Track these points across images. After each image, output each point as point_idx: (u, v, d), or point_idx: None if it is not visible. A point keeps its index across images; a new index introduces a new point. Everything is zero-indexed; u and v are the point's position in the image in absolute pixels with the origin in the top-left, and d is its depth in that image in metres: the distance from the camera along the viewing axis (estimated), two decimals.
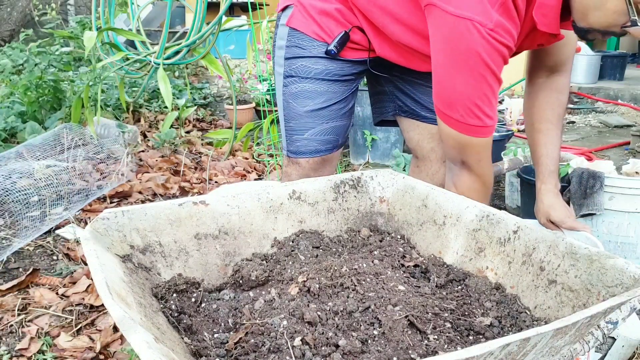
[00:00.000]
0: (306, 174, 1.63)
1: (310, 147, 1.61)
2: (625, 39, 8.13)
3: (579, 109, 5.55)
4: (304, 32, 1.55)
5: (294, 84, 1.58)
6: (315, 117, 1.58)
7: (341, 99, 1.59)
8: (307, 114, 1.58)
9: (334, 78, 1.56)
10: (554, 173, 1.60)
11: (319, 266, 1.03)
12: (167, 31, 3.22)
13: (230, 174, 3.21)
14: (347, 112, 1.63)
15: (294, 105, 1.59)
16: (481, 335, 0.92)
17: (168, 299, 0.95)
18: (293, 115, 1.60)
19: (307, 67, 1.56)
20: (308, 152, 1.61)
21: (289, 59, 1.58)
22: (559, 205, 1.57)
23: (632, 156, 3.70)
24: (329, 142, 1.62)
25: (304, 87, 1.57)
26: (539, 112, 1.58)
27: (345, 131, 1.66)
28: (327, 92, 1.57)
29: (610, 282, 0.88)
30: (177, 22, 7.51)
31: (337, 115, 1.60)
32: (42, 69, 3.68)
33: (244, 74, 4.80)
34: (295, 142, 1.61)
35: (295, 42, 1.56)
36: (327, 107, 1.58)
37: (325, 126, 1.60)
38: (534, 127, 1.60)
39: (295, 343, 0.83)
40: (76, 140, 2.92)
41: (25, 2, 6.63)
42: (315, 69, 1.55)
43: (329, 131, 1.61)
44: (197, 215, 1.10)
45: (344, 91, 1.59)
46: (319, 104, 1.57)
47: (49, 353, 1.61)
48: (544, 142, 1.58)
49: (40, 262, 2.17)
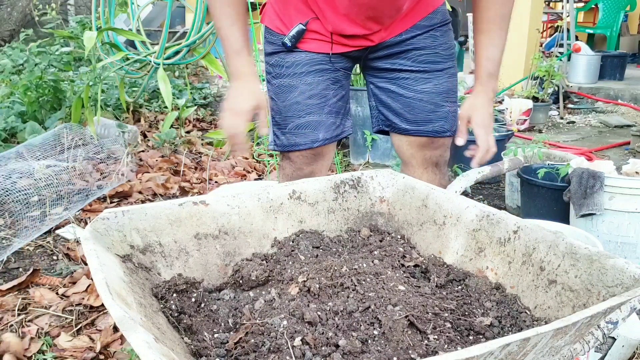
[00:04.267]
0: (299, 167, 1.63)
1: (292, 140, 1.60)
2: (626, 39, 8.14)
3: (579, 109, 5.56)
4: (271, 27, 1.58)
5: (272, 79, 1.60)
6: (292, 111, 1.58)
7: (316, 92, 1.57)
8: (285, 108, 1.59)
9: (305, 70, 1.56)
10: (493, 76, 1.53)
11: (319, 266, 1.03)
12: (167, 31, 3.22)
13: (230, 174, 3.21)
14: (324, 106, 1.59)
15: (275, 100, 1.61)
16: (481, 335, 0.92)
17: (168, 299, 0.95)
18: (277, 111, 1.61)
19: (278, 61, 1.58)
20: (290, 145, 1.61)
21: (266, 55, 1.61)
22: (485, 111, 1.52)
23: (632, 156, 3.70)
24: (307, 136, 1.60)
25: (281, 82, 1.58)
26: (482, 12, 1.51)
27: (327, 127, 1.61)
28: (301, 85, 1.57)
29: (611, 282, 0.88)
30: (177, 22, 7.51)
31: (312, 110, 1.58)
32: (42, 69, 3.67)
33: None
34: (280, 136, 1.62)
35: (268, 38, 1.60)
36: (302, 101, 1.57)
37: (301, 120, 1.59)
38: (477, 27, 1.54)
39: (295, 343, 0.83)
40: (76, 140, 2.92)
41: (25, 2, 6.64)
42: (285, 63, 1.56)
43: (305, 125, 1.59)
44: (197, 215, 1.10)
45: (318, 83, 1.57)
46: (294, 97, 1.58)
47: (49, 353, 1.61)
48: (485, 43, 1.52)
49: (40, 262, 2.17)
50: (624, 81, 6.41)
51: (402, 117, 1.63)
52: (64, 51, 4.69)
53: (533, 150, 2.50)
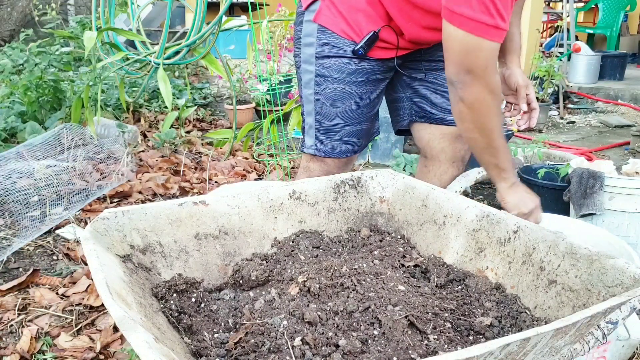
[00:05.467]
0: (330, 171, 1.65)
1: (340, 147, 1.63)
2: (626, 39, 8.13)
3: (579, 109, 5.55)
4: (333, 30, 1.53)
5: (326, 83, 1.57)
6: (346, 119, 1.60)
7: (369, 101, 1.61)
8: (339, 115, 1.59)
9: (364, 79, 1.57)
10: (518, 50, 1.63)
11: (319, 266, 1.03)
12: (167, 31, 3.22)
13: (230, 174, 3.21)
14: (372, 115, 1.65)
15: (326, 105, 1.59)
16: (481, 335, 0.92)
17: (168, 299, 0.95)
18: (325, 116, 1.61)
19: (339, 67, 1.55)
20: (337, 152, 1.64)
21: (320, 57, 1.56)
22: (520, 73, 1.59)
23: (632, 156, 3.70)
24: (355, 144, 1.64)
25: (337, 89, 1.57)
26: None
27: (369, 134, 1.68)
28: (358, 94, 1.58)
29: (611, 282, 0.88)
30: (177, 22, 7.51)
31: (364, 118, 1.62)
32: (42, 69, 3.67)
33: (244, 74, 4.80)
34: (326, 142, 1.63)
35: (326, 39, 1.55)
36: (357, 110, 1.60)
37: (353, 128, 1.61)
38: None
39: (295, 343, 0.83)
40: (76, 140, 2.92)
41: (25, 2, 6.63)
42: (348, 69, 1.55)
43: (356, 133, 1.63)
44: (197, 215, 1.10)
45: (372, 92, 1.60)
46: (350, 105, 1.58)
47: (49, 353, 1.61)
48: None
49: (40, 262, 2.17)
50: (624, 81, 6.40)
51: (440, 107, 1.66)
52: (64, 51, 4.69)
53: (533, 150, 2.50)
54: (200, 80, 5.60)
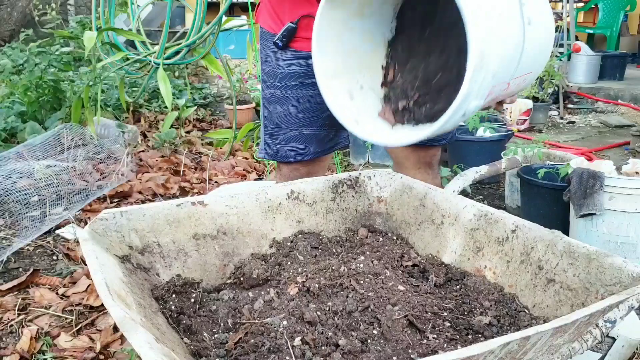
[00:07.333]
0: (287, 175, 1.61)
1: (282, 152, 1.58)
2: (626, 39, 8.13)
3: (579, 109, 5.55)
4: (263, 26, 1.52)
5: (267, 89, 1.57)
6: (284, 123, 1.55)
7: (309, 105, 1.53)
8: (278, 120, 1.56)
9: (298, 82, 1.52)
10: None
11: (318, 266, 1.03)
12: (167, 31, 3.22)
13: (230, 174, 3.21)
14: (318, 120, 1.55)
15: (268, 109, 1.58)
16: (480, 334, 0.92)
17: (167, 299, 0.95)
18: (269, 120, 1.59)
19: (272, 72, 1.53)
20: (281, 156, 1.59)
21: (262, 62, 1.57)
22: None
23: (632, 156, 3.70)
24: (299, 149, 1.57)
25: (274, 93, 1.55)
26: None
27: (320, 140, 1.58)
28: (294, 98, 1.53)
29: (609, 280, 0.88)
30: (177, 22, 7.51)
31: (305, 123, 1.55)
32: (42, 69, 3.67)
33: (244, 74, 4.80)
34: (272, 145, 1.60)
35: (262, 42, 1.54)
36: (295, 114, 1.54)
37: (294, 133, 1.56)
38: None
39: (295, 343, 0.83)
40: (76, 140, 2.92)
41: (25, 2, 6.63)
42: (280, 74, 1.51)
43: (297, 138, 1.56)
44: (196, 216, 1.10)
45: (311, 96, 1.51)
46: (287, 110, 1.54)
47: (49, 353, 1.61)
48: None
49: (40, 262, 2.18)
50: (624, 81, 6.40)
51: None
52: (64, 51, 4.69)
53: (533, 150, 2.50)
54: (200, 80, 5.60)
